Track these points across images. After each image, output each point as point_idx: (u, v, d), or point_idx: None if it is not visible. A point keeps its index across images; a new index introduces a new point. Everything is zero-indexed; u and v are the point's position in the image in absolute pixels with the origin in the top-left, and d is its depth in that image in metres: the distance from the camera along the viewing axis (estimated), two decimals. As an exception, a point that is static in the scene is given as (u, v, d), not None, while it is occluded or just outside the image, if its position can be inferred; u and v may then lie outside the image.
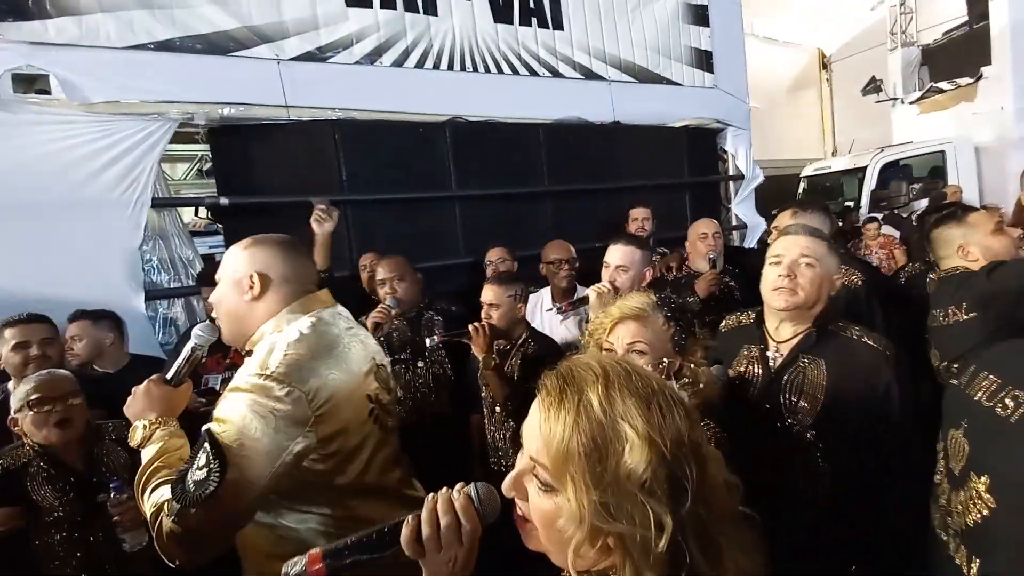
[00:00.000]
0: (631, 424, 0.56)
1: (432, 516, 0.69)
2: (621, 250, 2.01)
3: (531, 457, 0.61)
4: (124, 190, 2.63)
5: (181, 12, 2.81)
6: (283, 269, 1.21)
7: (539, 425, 0.60)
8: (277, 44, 3.04)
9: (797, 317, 1.38)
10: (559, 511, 0.58)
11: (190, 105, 2.79)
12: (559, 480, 0.57)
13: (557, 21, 3.97)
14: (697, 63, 4.60)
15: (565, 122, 4.00)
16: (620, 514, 0.55)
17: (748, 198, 4.88)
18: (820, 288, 1.35)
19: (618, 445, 0.56)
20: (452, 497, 0.70)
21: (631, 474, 0.55)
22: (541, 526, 0.61)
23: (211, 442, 0.96)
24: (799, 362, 1.35)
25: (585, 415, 0.57)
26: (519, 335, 2.11)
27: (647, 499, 0.54)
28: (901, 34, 9.24)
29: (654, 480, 0.55)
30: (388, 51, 3.37)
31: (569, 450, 0.56)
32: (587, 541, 0.56)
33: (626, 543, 0.55)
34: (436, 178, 3.57)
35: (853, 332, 1.36)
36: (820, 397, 1.31)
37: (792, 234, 1.43)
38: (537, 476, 0.60)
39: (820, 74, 11.39)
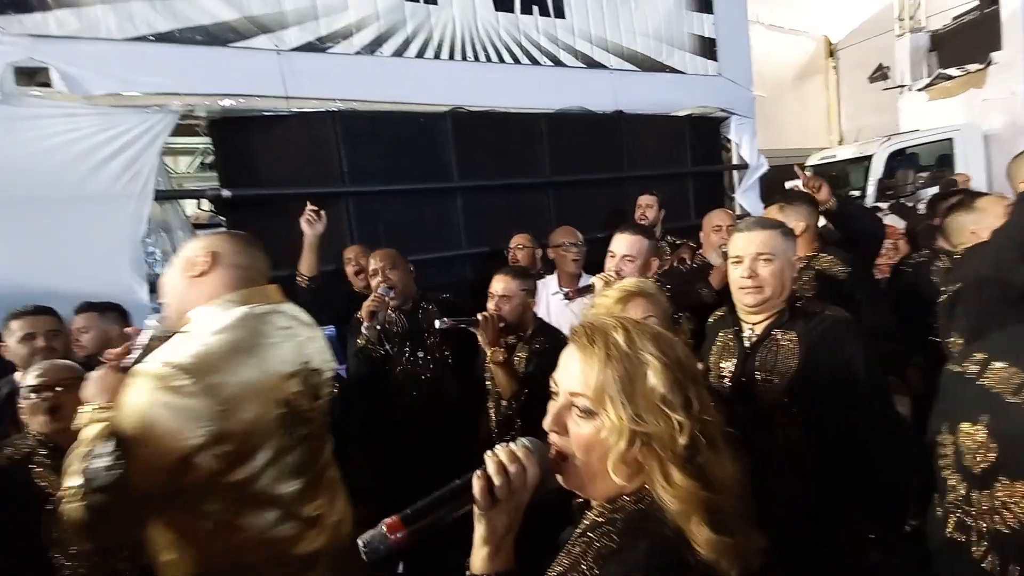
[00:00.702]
0: (650, 353, 0.74)
1: (500, 467, 0.74)
2: (627, 239, 2.00)
3: (570, 393, 0.76)
4: (127, 183, 2.64)
5: (181, 3, 2.81)
6: (234, 256, 1.22)
7: (577, 364, 0.75)
8: (277, 35, 3.03)
9: (775, 305, 1.47)
10: (599, 430, 0.73)
11: (191, 97, 2.79)
12: (599, 403, 0.73)
13: (559, 9, 3.93)
14: (701, 51, 4.55)
15: (567, 111, 3.98)
16: (649, 419, 0.71)
17: (752, 187, 4.84)
18: (782, 277, 1.44)
19: (642, 369, 0.73)
20: (512, 448, 0.77)
21: (654, 390, 0.72)
22: (582, 451, 0.75)
23: (113, 428, 0.96)
24: (772, 336, 1.44)
25: (615, 349, 0.74)
26: (527, 329, 2.08)
27: (667, 408, 0.72)
28: (909, 20, 9.10)
29: (670, 394, 0.72)
30: (388, 41, 3.35)
31: (606, 377, 0.72)
32: (626, 448, 0.71)
33: (654, 444, 0.71)
34: (438, 169, 3.56)
35: (818, 308, 1.47)
36: (793, 366, 1.40)
37: (745, 231, 1.49)
38: (576, 407, 0.75)
39: (826, 62, 11.24)
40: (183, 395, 1.00)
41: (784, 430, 1.37)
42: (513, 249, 3.08)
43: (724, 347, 1.53)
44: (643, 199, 3.43)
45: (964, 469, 0.95)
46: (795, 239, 1.52)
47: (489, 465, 0.75)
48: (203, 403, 1.01)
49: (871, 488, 1.32)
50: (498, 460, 0.75)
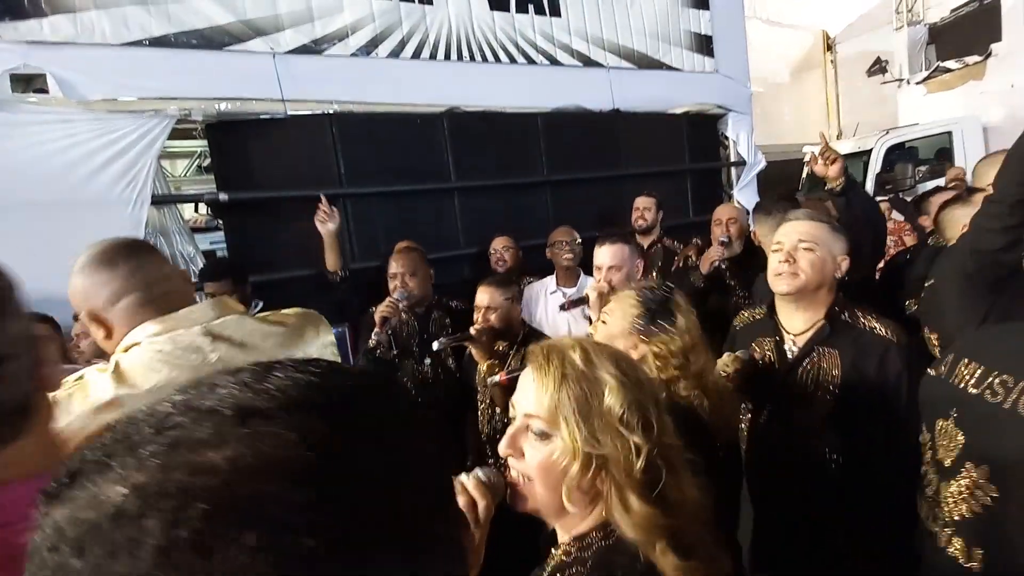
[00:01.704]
0: (608, 372, 0.72)
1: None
2: (609, 250, 2.01)
3: (525, 415, 0.74)
4: (124, 188, 2.64)
5: (175, 7, 2.81)
6: (102, 291, 0.99)
7: (532, 386, 0.73)
8: (272, 37, 3.03)
9: (805, 305, 1.41)
10: (554, 451, 0.71)
11: (187, 101, 2.79)
12: (553, 425, 0.71)
13: (554, 8, 3.93)
14: (697, 48, 4.54)
15: (564, 110, 3.98)
16: (606, 441, 0.69)
17: (750, 184, 4.84)
18: (822, 270, 1.38)
19: (598, 388, 0.71)
20: (461, 479, 0.75)
21: (611, 410, 0.70)
22: (538, 474, 0.72)
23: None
24: (814, 354, 1.38)
25: (571, 368, 0.72)
26: (517, 335, 2.09)
27: (625, 430, 0.69)
28: (907, 12, 9.07)
29: (628, 415, 0.70)
30: (384, 42, 3.35)
31: (561, 398, 0.70)
32: (580, 471, 0.69)
33: (611, 468, 0.69)
34: (435, 169, 3.56)
35: (865, 322, 1.37)
36: (834, 388, 1.34)
37: (793, 220, 1.46)
38: (532, 430, 0.73)
39: (824, 56, 11.21)
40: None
41: (819, 451, 1.34)
42: (500, 251, 3.08)
43: (763, 357, 1.48)
44: (640, 201, 3.39)
45: (937, 463, 0.99)
46: (847, 241, 1.44)
47: None
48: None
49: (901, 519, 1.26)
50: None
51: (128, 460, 0.26)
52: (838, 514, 1.33)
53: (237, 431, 0.26)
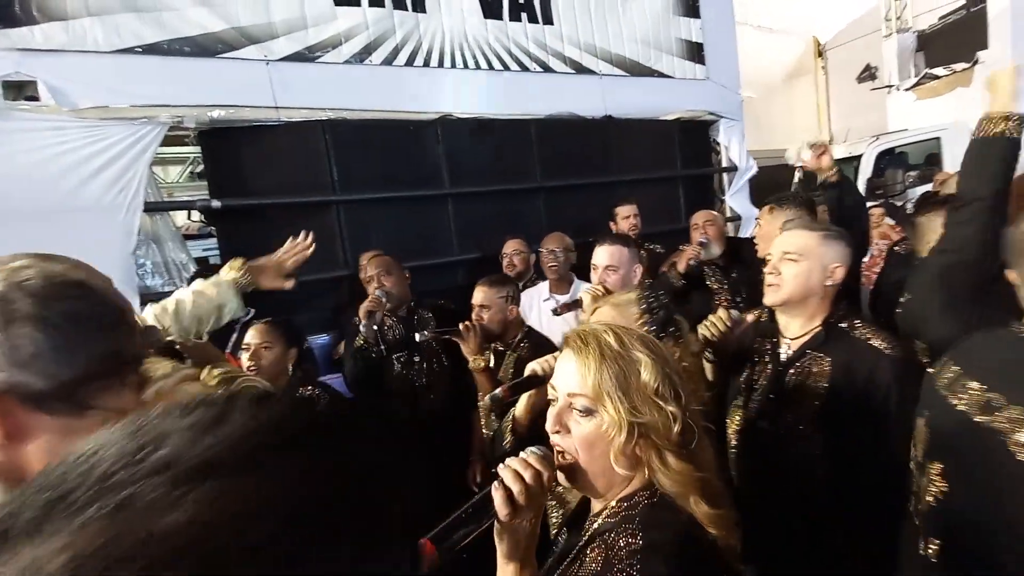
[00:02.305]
0: (640, 352, 0.81)
1: (516, 475, 0.78)
2: (607, 250, 2.00)
3: (568, 394, 0.81)
4: (116, 195, 2.64)
5: (168, 15, 2.81)
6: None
7: (573, 367, 0.81)
8: (265, 45, 3.03)
9: (797, 313, 1.43)
10: (600, 425, 0.78)
11: (180, 108, 2.79)
12: (597, 401, 0.79)
13: (547, 16, 3.96)
14: (689, 55, 4.58)
15: (557, 117, 4.00)
16: (645, 411, 0.77)
17: (742, 189, 4.87)
18: (806, 282, 1.39)
19: (635, 366, 0.79)
20: (524, 456, 0.81)
21: (647, 385, 0.79)
22: (584, 448, 0.80)
23: None
24: (805, 358, 1.39)
25: (608, 349, 0.80)
26: (514, 336, 2.10)
27: (660, 400, 0.78)
28: (896, 20, 9.19)
29: (662, 387, 0.79)
30: (377, 49, 3.37)
31: (603, 376, 0.78)
32: (626, 440, 0.77)
33: (651, 434, 0.78)
34: (428, 176, 3.57)
35: (862, 331, 1.38)
36: (820, 392, 1.35)
37: (786, 230, 1.49)
38: (575, 407, 0.81)
39: (815, 62, 11.32)
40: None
41: (804, 451, 1.35)
42: (510, 255, 3.09)
43: (759, 358, 1.50)
44: (625, 209, 3.38)
45: (915, 458, 1.03)
46: (847, 247, 1.43)
47: (505, 475, 0.78)
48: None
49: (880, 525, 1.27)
50: (513, 469, 0.79)
51: (65, 523, 0.22)
52: (824, 516, 1.34)
53: (195, 490, 0.23)
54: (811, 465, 1.35)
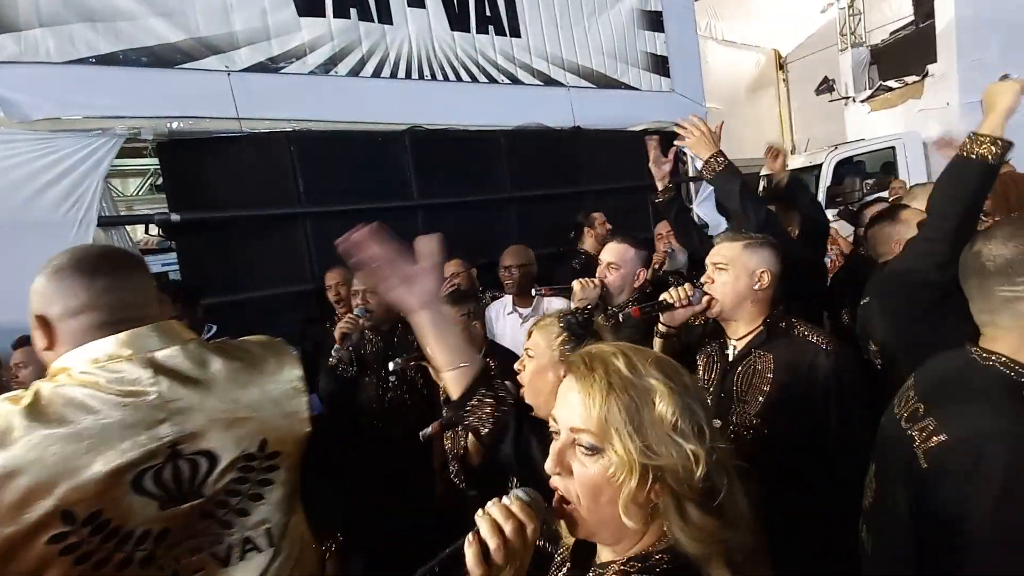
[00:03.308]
0: (655, 378, 0.67)
1: (494, 527, 0.66)
2: (614, 248, 2.03)
3: (572, 429, 0.68)
4: (68, 209, 2.55)
5: (124, 25, 2.74)
6: (67, 301, 0.90)
7: (577, 398, 0.68)
8: (227, 55, 2.98)
9: (736, 316, 1.50)
10: (607, 467, 0.65)
11: (137, 120, 2.72)
12: (604, 438, 0.66)
13: (514, 28, 4.00)
14: (654, 68, 4.69)
15: (526, 128, 4.03)
16: (661, 451, 0.64)
17: (709, 198, 4.98)
18: (735, 287, 1.46)
19: (649, 396, 0.66)
20: (505, 503, 0.69)
21: (663, 418, 0.65)
22: (588, 495, 0.67)
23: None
24: (750, 356, 1.47)
25: (617, 376, 0.67)
26: (479, 351, 2.07)
27: (679, 437, 0.65)
28: (851, 35, 9.59)
29: (681, 422, 0.65)
30: (343, 60, 3.34)
31: (610, 409, 0.65)
32: (638, 485, 0.64)
33: (668, 479, 0.64)
34: (397, 188, 3.55)
35: (800, 330, 1.46)
36: (766, 388, 1.42)
37: (715, 244, 1.56)
38: (580, 444, 0.68)
39: (777, 74, 11.72)
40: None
41: (751, 448, 1.39)
42: (450, 277, 3.06)
43: (708, 359, 1.56)
44: (599, 216, 3.47)
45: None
46: (772, 253, 1.50)
47: (482, 526, 0.66)
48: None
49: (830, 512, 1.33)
50: (491, 519, 0.67)
51: None
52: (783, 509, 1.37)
53: None
54: (765, 459, 1.39)
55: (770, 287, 1.47)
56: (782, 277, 1.50)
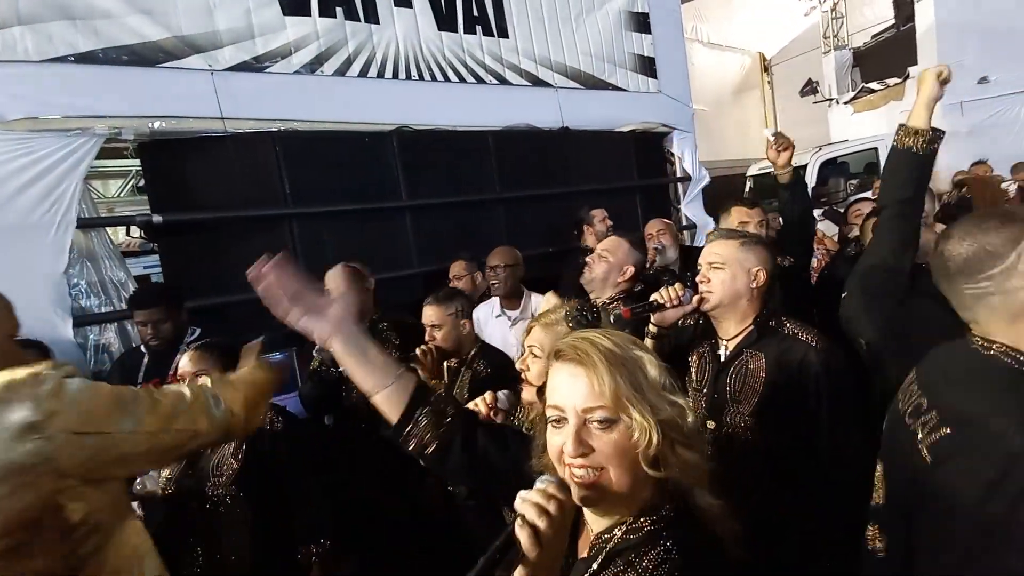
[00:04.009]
0: (638, 350, 0.79)
1: (540, 510, 0.71)
2: (610, 239, 2.07)
3: (582, 410, 0.75)
4: (46, 211, 2.48)
5: (104, 23, 2.68)
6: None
7: (581, 381, 0.75)
8: (210, 55, 2.94)
9: (729, 315, 1.50)
10: (628, 431, 0.74)
11: (117, 119, 2.66)
12: (617, 409, 0.74)
13: (502, 29, 3.99)
14: (641, 69, 4.71)
15: (514, 129, 4.02)
16: (663, 407, 0.75)
17: (696, 198, 5.02)
18: (732, 285, 1.47)
19: (639, 365, 0.77)
20: (542, 488, 0.73)
21: (655, 381, 0.77)
22: (615, 459, 0.74)
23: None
24: (743, 356, 1.47)
25: (611, 355, 0.76)
26: (468, 352, 2.04)
27: (670, 394, 0.77)
28: (833, 38, 9.73)
29: (667, 381, 0.78)
30: (329, 60, 3.31)
31: (618, 382, 0.74)
32: (658, 441, 0.73)
33: (668, 430, 0.74)
34: (385, 188, 3.52)
35: (790, 328, 1.47)
36: (759, 387, 1.43)
37: (710, 240, 1.57)
38: (593, 422, 0.75)
39: (762, 77, 11.86)
40: None
41: (746, 447, 1.40)
42: (452, 279, 3.06)
43: (701, 360, 1.57)
44: (597, 213, 3.49)
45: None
46: (765, 252, 1.51)
47: (528, 511, 0.71)
48: None
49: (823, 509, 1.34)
50: (535, 503, 0.71)
51: None
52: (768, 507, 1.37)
53: None
54: (759, 458, 1.40)
55: (765, 285, 1.48)
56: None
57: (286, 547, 1.80)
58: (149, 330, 2.25)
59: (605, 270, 1.98)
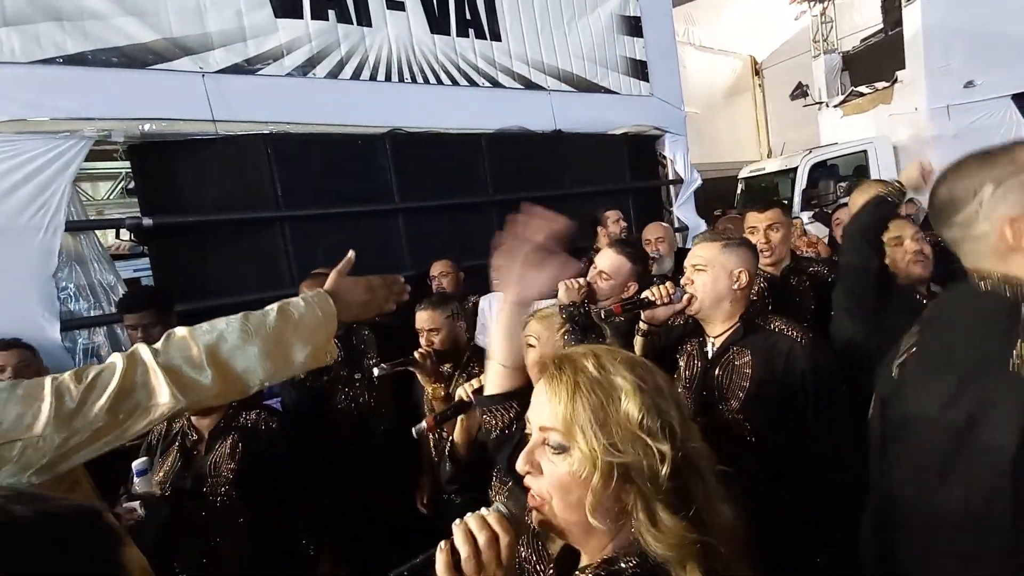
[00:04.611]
0: (623, 377, 0.68)
1: (467, 536, 0.64)
2: (609, 256, 1.99)
3: (541, 428, 0.70)
4: (34, 214, 2.46)
5: (93, 24, 2.67)
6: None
7: (546, 397, 0.70)
8: (201, 56, 2.92)
9: (714, 316, 1.52)
10: (572, 464, 0.66)
11: (107, 122, 2.64)
12: (570, 436, 0.66)
13: (494, 32, 4.00)
14: (633, 72, 4.73)
15: (507, 131, 4.03)
16: (627, 449, 0.64)
17: (688, 201, 5.04)
18: (716, 286, 1.48)
19: (615, 394, 0.67)
20: (483, 514, 0.68)
21: (629, 416, 0.65)
22: (558, 491, 0.67)
23: None
24: (729, 352, 1.49)
25: (584, 376, 0.68)
26: (463, 354, 2.05)
27: (646, 436, 0.65)
28: (823, 42, 9.82)
29: (648, 420, 0.65)
30: (322, 63, 3.30)
31: (575, 407, 0.66)
32: (602, 484, 0.64)
33: (635, 477, 0.64)
34: (377, 191, 3.51)
35: (775, 324, 1.49)
36: (745, 383, 1.44)
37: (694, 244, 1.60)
38: (549, 443, 0.69)
39: (753, 80, 11.95)
40: None
41: (736, 445, 1.40)
42: (437, 277, 3.06)
43: (688, 357, 1.58)
44: (611, 214, 3.51)
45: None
46: (748, 252, 1.53)
47: (456, 534, 0.65)
48: None
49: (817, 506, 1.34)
50: (465, 528, 0.65)
51: None
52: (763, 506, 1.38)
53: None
54: (752, 456, 1.40)
55: (747, 286, 1.50)
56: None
57: (283, 547, 1.80)
58: (139, 334, 2.23)
59: (609, 291, 1.97)
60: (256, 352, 0.98)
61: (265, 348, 0.98)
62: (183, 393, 0.90)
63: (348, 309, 1.10)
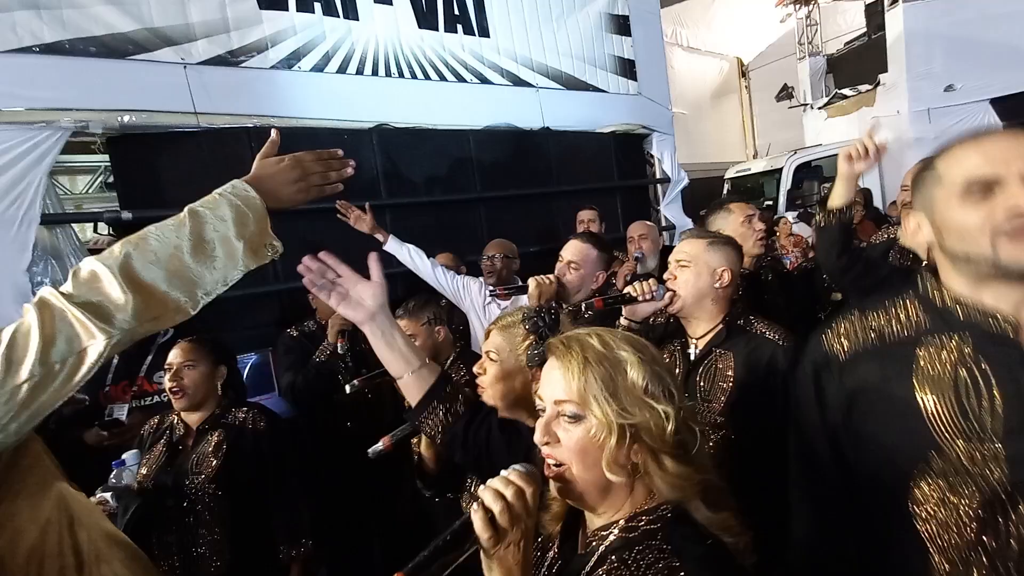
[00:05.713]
0: (625, 350, 0.78)
1: (497, 495, 0.72)
2: (576, 246, 1.98)
3: (555, 402, 0.78)
4: (7, 207, 2.39)
5: (71, 13, 2.60)
6: None
7: (559, 374, 0.78)
8: (183, 47, 2.86)
9: (697, 315, 1.51)
10: (589, 429, 0.75)
11: (85, 112, 2.57)
12: (584, 405, 0.75)
13: (483, 28, 3.98)
14: (621, 71, 4.75)
15: (496, 128, 4.01)
16: (635, 412, 0.74)
17: (675, 200, 5.07)
18: (698, 283, 1.48)
19: (621, 366, 0.76)
20: (504, 475, 0.75)
21: (635, 384, 0.76)
22: (576, 455, 0.76)
23: None
24: (712, 355, 1.48)
25: (592, 352, 0.77)
26: (445, 359, 2.00)
27: (650, 399, 0.75)
28: (808, 44, 9.95)
29: (652, 386, 0.76)
30: (307, 56, 3.26)
31: (588, 379, 0.75)
32: (617, 443, 0.73)
33: (644, 436, 0.74)
34: (364, 186, 3.47)
35: (758, 327, 1.48)
36: (728, 386, 1.43)
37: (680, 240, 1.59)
38: (564, 414, 0.77)
39: (740, 81, 12.07)
40: None
41: (718, 449, 1.40)
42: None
43: (670, 359, 1.56)
44: (584, 214, 3.42)
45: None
46: (733, 252, 1.52)
47: (485, 495, 0.72)
48: None
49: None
50: (493, 488, 0.73)
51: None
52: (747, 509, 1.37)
53: None
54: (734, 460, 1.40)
55: (730, 285, 1.49)
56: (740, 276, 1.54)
57: (264, 547, 1.77)
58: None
59: (578, 281, 1.95)
60: (174, 259, 0.89)
61: (185, 252, 0.90)
62: (111, 324, 0.83)
63: (277, 193, 1.05)
